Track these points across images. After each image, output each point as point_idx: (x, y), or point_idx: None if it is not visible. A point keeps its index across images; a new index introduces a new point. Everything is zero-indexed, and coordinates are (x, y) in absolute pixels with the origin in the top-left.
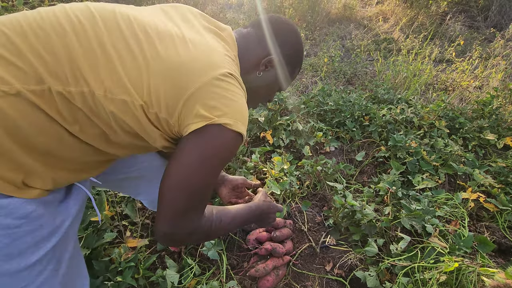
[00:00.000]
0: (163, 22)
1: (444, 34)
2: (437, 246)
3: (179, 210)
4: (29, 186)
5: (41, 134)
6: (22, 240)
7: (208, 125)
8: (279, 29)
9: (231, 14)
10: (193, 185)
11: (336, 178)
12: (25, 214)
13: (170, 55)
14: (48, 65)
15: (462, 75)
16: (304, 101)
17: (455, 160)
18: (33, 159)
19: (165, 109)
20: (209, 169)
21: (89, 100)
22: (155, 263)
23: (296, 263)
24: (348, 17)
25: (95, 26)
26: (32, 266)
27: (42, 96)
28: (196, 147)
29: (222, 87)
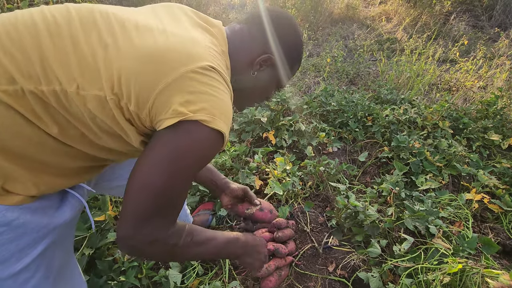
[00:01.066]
0: (145, 18)
1: (448, 34)
2: (441, 247)
3: (140, 213)
4: (10, 191)
5: (18, 137)
6: (4, 248)
7: (182, 121)
8: (276, 24)
9: (234, 14)
10: (158, 187)
11: (339, 178)
12: (5, 222)
13: (145, 43)
14: (20, 65)
15: (466, 75)
16: (306, 102)
17: (459, 160)
18: (11, 163)
19: (135, 101)
20: (179, 171)
21: (63, 99)
22: (158, 263)
23: (299, 263)
24: (351, 17)
25: (70, 24)
26: (17, 274)
27: (15, 96)
28: (166, 144)
29: (200, 80)
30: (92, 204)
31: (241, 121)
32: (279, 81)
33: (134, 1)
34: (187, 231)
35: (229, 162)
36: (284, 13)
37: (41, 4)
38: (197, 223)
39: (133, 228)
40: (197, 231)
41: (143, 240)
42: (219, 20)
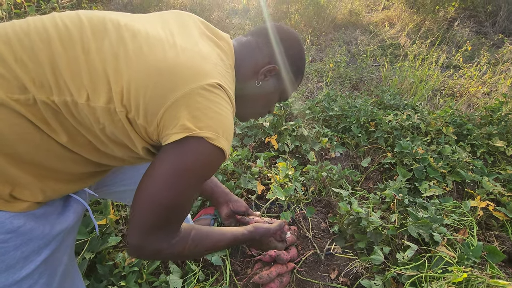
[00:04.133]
0: (155, 29)
1: (452, 40)
2: (445, 255)
3: (147, 225)
4: (17, 198)
5: (28, 145)
6: (10, 255)
7: (189, 137)
8: (280, 37)
9: (237, 20)
10: (163, 201)
11: (342, 184)
12: (12, 229)
13: (155, 58)
14: (32, 74)
15: (470, 81)
16: (309, 107)
17: (463, 167)
18: (20, 170)
19: (143, 115)
20: (183, 186)
21: (73, 110)
22: (159, 268)
23: (301, 270)
24: (354, 23)
25: (82, 33)
26: (22, 281)
27: (27, 105)
28: (171, 160)
29: (208, 98)
30: (93, 208)
31: (243, 126)
32: (282, 92)
33: (138, 6)
34: (191, 239)
35: (231, 167)
36: (289, 29)
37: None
38: None
39: (140, 239)
40: (203, 237)
41: (150, 250)
42: (227, 33)
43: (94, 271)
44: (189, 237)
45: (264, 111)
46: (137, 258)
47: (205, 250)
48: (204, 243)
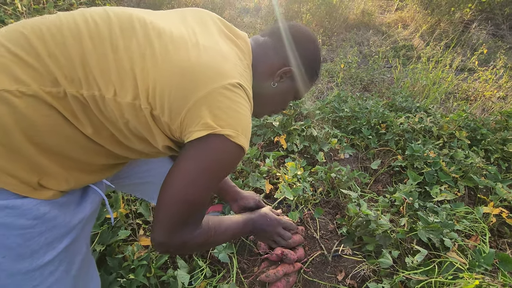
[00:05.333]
0: (178, 28)
1: (467, 42)
2: (456, 261)
3: (173, 222)
4: (44, 187)
5: (57, 136)
6: (35, 240)
7: (211, 135)
8: (297, 38)
9: (248, 18)
10: (189, 197)
11: (350, 186)
12: (38, 215)
13: (180, 58)
14: (63, 68)
15: (485, 85)
16: (319, 107)
17: (476, 172)
18: (49, 160)
19: (168, 113)
20: (206, 182)
21: (100, 104)
22: (167, 263)
23: (307, 270)
24: (366, 23)
25: (111, 30)
26: (44, 267)
27: (58, 98)
28: (195, 158)
29: (229, 97)
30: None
31: (252, 125)
32: (297, 92)
33: (152, 4)
34: (210, 228)
35: (240, 165)
36: (306, 30)
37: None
38: None
39: (166, 236)
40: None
41: (175, 245)
42: (244, 32)
43: (104, 263)
44: (208, 226)
45: (278, 109)
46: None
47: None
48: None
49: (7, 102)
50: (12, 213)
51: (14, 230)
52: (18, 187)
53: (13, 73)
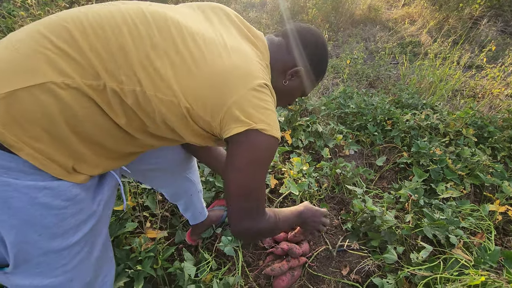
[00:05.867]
0: (207, 29)
1: (475, 39)
2: (461, 258)
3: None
4: (77, 171)
5: (93, 125)
6: (67, 221)
7: (248, 130)
8: (307, 41)
9: (254, 13)
10: (250, 187)
11: (356, 182)
12: (71, 197)
13: (215, 63)
14: (105, 64)
15: (493, 82)
16: (324, 103)
17: (482, 170)
18: (84, 147)
19: (209, 113)
20: (258, 170)
21: (140, 98)
22: (173, 255)
23: (312, 265)
24: (372, 19)
25: (149, 30)
26: (72, 247)
27: (97, 90)
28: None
29: (259, 97)
30: None
31: None
32: (304, 90)
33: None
34: (275, 215)
35: None
36: (317, 32)
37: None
38: (212, 218)
39: (243, 225)
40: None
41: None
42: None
43: None
44: (273, 214)
45: (286, 104)
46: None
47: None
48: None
49: (54, 94)
50: (50, 193)
51: (51, 210)
52: (56, 171)
53: (58, 66)
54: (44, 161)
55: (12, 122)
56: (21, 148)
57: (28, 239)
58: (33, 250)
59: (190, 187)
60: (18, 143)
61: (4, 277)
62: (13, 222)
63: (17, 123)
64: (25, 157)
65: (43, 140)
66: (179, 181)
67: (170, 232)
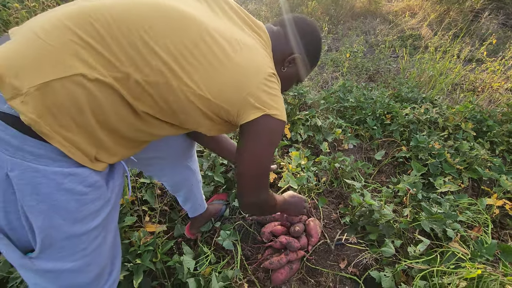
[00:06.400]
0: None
1: (476, 32)
2: (458, 251)
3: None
4: (98, 159)
5: (116, 115)
6: (87, 206)
7: (263, 115)
8: (303, 30)
9: (253, 5)
10: (262, 165)
11: (354, 176)
12: (92, 183)
13: (232, 58)
14: (131, 57)
15: (493, 76)
16: (324, 97)
17: (481, 164)
18: (107, 137)
19: (229, 102)
20: (270, 150)
21: (161, 88)
22: (172, 249)
23: (310, 258)
24: (373, 12)
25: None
26: (91, 231)
27: (121, 81)
28: (258, 136)
29: (269, 86)
30: None
31: None
32: (299, 77)
33: None
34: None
35: None
36: (312, 22)
37: None
38: (211, 211)
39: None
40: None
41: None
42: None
43: None
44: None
45: (284, 90)
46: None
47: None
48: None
49: (83, 85)
50: (74, 179)
51: (74, 195)
52: (81, 158)
53: (86, 59)
54: (72, 150)
55: (46, 112)
56: (53, 137)
57: (54, 223)
58: (57, 234)
59: (191, 176)
60: (51, 132)
61: (29, 262)
62: (42, 207)
63: (50, 113)
64: (56, 145)
65: (71, 129)
66: (180, 170)
67: (169, 226)
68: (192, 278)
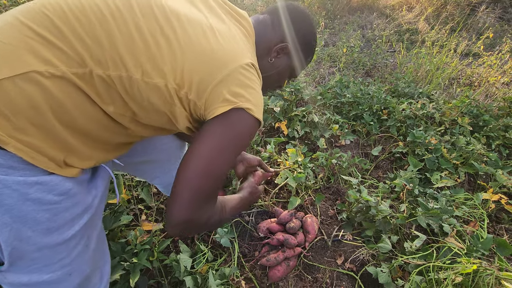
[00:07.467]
0: (190, 10)
1: (473, 26)
2: (454, 246)
3: (200, 196)
4: (69, 164)
5: (82, 115)
6: (61, 215)
7: (233, 109)
8: (294, 17)
9: (249, 0)
10: (215, 170)
11: (351, 172)
12: (64, 191)
13: (201, 42)
14: (90, 50)
15: (490, 70)
16: (320, 92)
17: (477, 159)
18: (74, 139)
19: (195, 91)
20: (230, 153)
21: (126, 83)
22: (169, 247)
23: (308, 255)
24: (370, 6)
25: (132, 12)
26: (69, 241)
27: (84, 78)
28: (219, 131)
29: (245, 76)
30: None
31: None
32: (292, 70)
33: None
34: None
35: None
36: (304, 9)
37: None
38: None
39: (190, 213)
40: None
41: (200, 221)
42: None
43: None
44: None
45: (275, 86)
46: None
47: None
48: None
49: (37, 83)
50: (42, 188)
51: (43, 205)
52: (47, 164)
53: (41, 55)
54: (33, 155)
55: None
56: (8, 142)
57: (22, 236)
58: (27, 247)
59: None
60: (5, 137)
61: (0, 276)
62: (5, 220)
63: (2, 115)
64: (12, 150)
65: (30, 133)
66: (173, 172)
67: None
68: (189, 276)
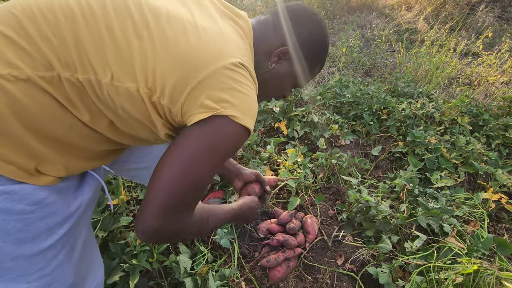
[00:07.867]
0: (175, 6)
1: (472, 26)
2: (455, 246)
3: (172, 205)
4: (42, 173)
5: (52, 121)
6: (35, 225)
7: (213, 116)
8: (299, 18)
9: (248, 0)
10: (192, 176)
11: (351, 172)
12: (37, 201)
13: (178, 41)
14: (57, 51)
15: (489, 70)
16: (320, 92)
17: (477, 158)
18: (45, 146)
19: (168, 96)
20: (209, 163)
21: (96, 88)
22: (169, 248)
23: (308, 255)
24: (369, 6)
25: (104, 10)
26: (46, 251)
27: (52, 82)
28: (198, 138)
29: (231, 77)
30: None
31: None
32: (295, 78)
33: None
34: (204, 214)
35: (240, 151)
36: (313, 12)
37: None
38: None
39: (161, 220)
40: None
41: (173, 228)
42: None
43: (106, 249)
44: (203, 212)
45: (277, 94)
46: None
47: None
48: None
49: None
50: (10, 198)
51: (13, 215)
52: (15, 173)
53: (5, 57)
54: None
55: None
56: None
57: None
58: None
59: None
60: None
61: None
62: None
63: None
64: None
65: None
66: None
67: None
68: (189, 277)
